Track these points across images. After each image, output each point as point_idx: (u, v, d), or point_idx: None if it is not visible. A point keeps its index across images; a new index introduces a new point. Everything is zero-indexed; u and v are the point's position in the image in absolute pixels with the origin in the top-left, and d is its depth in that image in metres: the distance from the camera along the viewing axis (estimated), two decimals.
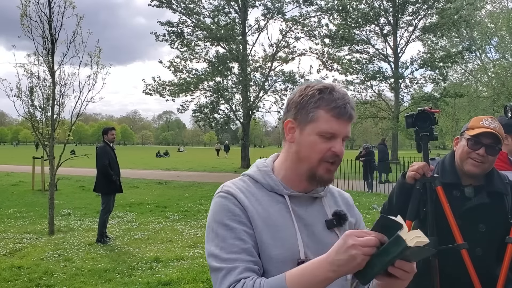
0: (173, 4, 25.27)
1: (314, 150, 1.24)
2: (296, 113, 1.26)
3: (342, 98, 1.23)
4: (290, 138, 1.28)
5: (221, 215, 1.22)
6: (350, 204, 1.45)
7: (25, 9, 7.63)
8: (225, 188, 1.27)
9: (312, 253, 1.22)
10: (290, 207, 1.26)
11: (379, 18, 30.02)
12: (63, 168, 10.20)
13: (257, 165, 1.36)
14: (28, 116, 8.10)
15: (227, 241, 1.18)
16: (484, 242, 2.07)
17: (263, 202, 1.25)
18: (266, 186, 1.29)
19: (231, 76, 26.58)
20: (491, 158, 2.04)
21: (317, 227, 1.28)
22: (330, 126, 1.22)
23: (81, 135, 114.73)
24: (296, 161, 1.28)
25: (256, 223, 1.21)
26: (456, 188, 2.11)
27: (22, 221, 9.25)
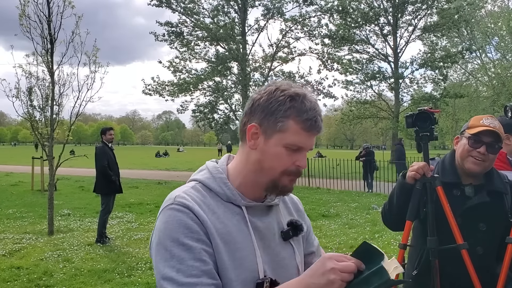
0: (172, 3, 25.26)
1: (279, 162, 1.15)
2: (263, 118, 1.15)
3: (313, 109, 1.14)
4: (252, 145, 1.17)
5: (177, 232, 1.07)
6: (301, 210, 1.39)
7: (24, 9, 7.62)
8: (179, 200, 1.12)
9: (269, 267, 1.17)
10: (248, 219, 1.17)
11: (379, 18, 30.04)
12: (63, 168, 10.20)
13: (209, 169, 1.23)
14: (27, 116, 8.09)
15: (186, 262, 1.05)
16: (485, 241, 2.07)
17: (220, 214, 1.14)
18: (222, 195, 1.18)
19: (231, 76, 26.58)
20: (491, 156, 2.05)
21: (273, 239, 1.22)
22: (298, 139, 1.14)
23: (81, 135, 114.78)
24: (257, 170, 1.18)
25: (216, 241, 1.10)
26: (456, 187, 2.11)
27: (22, 221, 9.24)
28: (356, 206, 11.13)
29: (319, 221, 9.26)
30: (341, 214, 10.10)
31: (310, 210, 10.55)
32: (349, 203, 11.68)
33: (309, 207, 10.98)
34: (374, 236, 7.75)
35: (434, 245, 2.01)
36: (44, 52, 7.87)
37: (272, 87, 1.17)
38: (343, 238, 7.61)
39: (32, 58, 8.03)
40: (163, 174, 22.16)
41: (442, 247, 2.01)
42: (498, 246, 2.09)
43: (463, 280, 2.03)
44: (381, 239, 7.50)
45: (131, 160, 37.29)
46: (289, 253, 1.24)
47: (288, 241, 1.25)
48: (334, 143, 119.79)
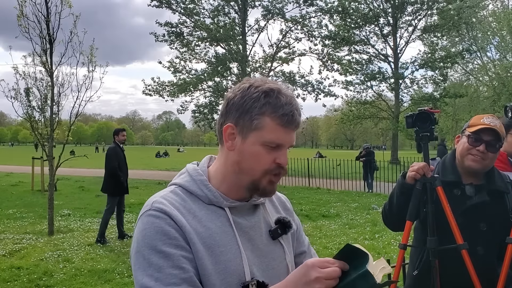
0: (172, 4, 25.26)
1: (258, 161, 1.10)
2: (238, 117, 1.11)
3: (289, 104, 1.09)
4: (230, 146, 1.13)
5: (154, 239, 1.03)
6: (289, 209, 1.34)
7: (22, 9, 7.61)
8: (156, 205, 1.08)
9: (258, 269, 1.13)
10: (232, 220, 1.13)
11: (378, 19, 30.05)
12: (63, 169, 10.19)
13: (189, 172, 1.19)
14: (26, 117, 8.09)
15: (164, 270, 1.00)
16: (485, 241, 2.07)
17: (201, 218, 1.10)
18: (203, 198, 1.13)
19: (231, 76, 26.58)
20: (491, 155, 2.05)
21: (261, 239, 1.17)
22: (276, 136, 1.09)
23: (81, 135, 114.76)
24: (237, 172, 1.13)
25: (197, 246, 1.05)
26: (457, 186, 2.11)
27: (22, 221, 9.24)
28: (356, 206, 11.13)
29: (319, 221, 9.26)
30: (341, 214, 10.09)
31: (310, 210, 10.55)
32: (349, 203, 11.68)
33: (309, 207, 10.98)
34: (374, 236, 7.75)
35: (434, 245, 2.02)
36: (43, 52, 7.87)
37: (246, 84, 1.13)
38: (343, 238, 7.61)
39: (30, 59, 8.03)
40: (163, 174, 22.17)
41: (442, 247, 2.01)
42: (499, 246, 2.09)
43: (463, 280, 2.03)
44: (381, 239, 7.50)
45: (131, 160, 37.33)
46: (278, 253, 1.21)
47: (277, 240, 1.21)
48: (334, 143, 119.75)
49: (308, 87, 26.76)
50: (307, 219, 9.43)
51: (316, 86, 26.87)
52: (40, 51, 7.84)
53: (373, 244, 7.21)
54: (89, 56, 8.17)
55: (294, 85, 26.87)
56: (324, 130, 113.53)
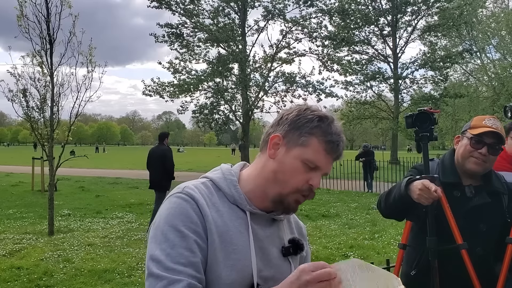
0: (172, 5, 25.26)
1: (293, 176, 1.16)
2: (288, 131, 1.18)
3: (338, 134, 1.17)
4: (272, 154, 1.19)
5: (177, 219, 1.10)
6: (304, 234, 1.38)
7: (22, 9, 7.61)
8: (187, 190, 1.15)
9: (262, 277, 1.16)
10: (250, 225, 1.17)
11: (378, 19, 30.06)
12: (63, 169, 10.20)
13: (222, 170, 1.25)
14: (26, 117, 8.09)
15: (176, 249, 1.06)
16: (485, 242, 2.08)
17: (223, 214, 1.16)
18: (229, 197, 1.19)
19: (231, 76, 26.59)
20: (492, 157, 2.05)
21: (272, 251, 1.21)
22: (318, 158, 1.15)
23: (81, 135, 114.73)
24: (270, 180, 1.18)
25: (213, 237, 1.11)
26: (457, 188, 2.11)
27: (22, 221, 9.25)
28: (356, 206, 11.14)
29: (319, 221, 9.27)
30: (341, 214, 10.10)
31: (310, 210, 10.56)
32: (349, 203, 11.69)
33: (309, 207, 10.98)
34: (374, 236, 7.76)
35: (433, 245, 2.02)
36: (43, 52, 7.87)
37: (303, 106, 1.21)
38: (343, 238, 7.62)
39: (29, 59, 8.03)
40: None
41: (442, 247, 2.02)
42: (497, 246, 2.10)
43: (462, 280, 2.03)
44: (381, 239, 7.51)
45: (131, 161, 37.29)
46: (285, 269, 1.23)
47: (287, 257, 1.24)
48: None
49: (309, 88, 26.77)
50: (307, 219, 9.44)
51: (317, 87, 26.88)
52: (40, 51, 7.85)
53: (372, 244, 7.21)
54: (88, 56, 8.18)
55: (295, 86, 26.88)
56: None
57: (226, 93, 26.41)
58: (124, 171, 24.01)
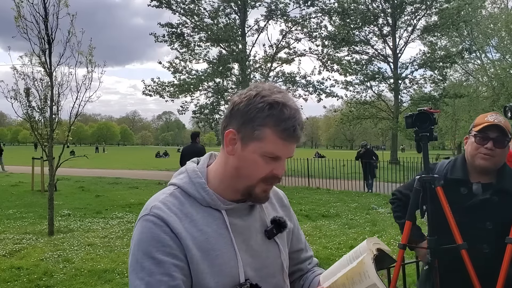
0: (172, 4, 25.26)
1: (256, 170, 1.13)
2: (241, 125, 1.12)
3: (293, 117, 1.10)
4: (230, 151, 1.15)
5: (149, 245, 1.08)
6: (286, 205, 1.37)
7: (19, 10, 7.59)
8: (155, 211, 1.11)
9: (252, 269, 1.17)
10: (228, 223, 1.16)
11: (378, 19, 30.05)
12: (63, 169, 10.20)
13: (189, 173, 1.21)
14: (26, 117, 8.09)
15: (155, 276, 1.05)
16: (491, 240, 2.05)
17: (198, 221, 1.13)
18: (201, 201, 1.16)
19: (231, 76, 26.59)
20: (499, 151, 2.05)
21: (256, 239, 1.21)
22: (276, 148, 1.12)
23: (81, 135, 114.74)
24: (234, 176, 1.16)
25: (192, 252, 1.09)
26: (464, 185, 2.12)
27: (22, 221, 9.24)
28: (356, 206, 11.14)
29: (319, 221, 9.26)
30: (341, 214, 10.10)
31: (310, 210, 10.55)
32: (349, 203, 11.69)
33: (309, 207, 10.98)
34: (373, 236, 7.75)
35: (434, 245, 2.02)
36: (42, 52, 7.86)
37: (253, 92, 1.13)
38: (343, 238, 7.62)
39: (28, 59, 8.02)
40: (163, 174, 22.16)
41: (442, 247, 2.02)
42: None
43: (462, 280, 2.03)
44: (381, 239, 7.50)
45: (131, 161, 37.29)
46: (273, 251, 1.24)
47: (273, 239, 1.24)
48: (334, 143, 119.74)
49: (309, 88, 26.77)
50: (307, 219, 9.43)
51: (317, 87, 26.89)
52: (39, 51, 7.84)
53: None
54: (88, 56, 8.17)
55: (295, 86, 26.89)
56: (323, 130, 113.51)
57: (226, 93, 26.40)
58: (124, 171, 24.01)
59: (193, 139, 9.58)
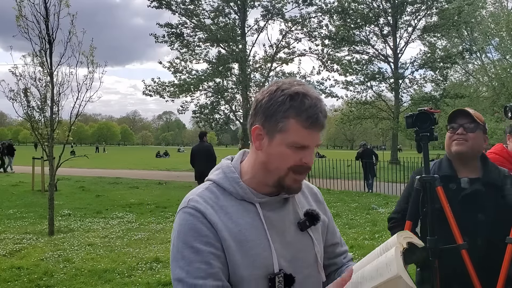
0: (172, 5, 25.25)
1: (284, 161, 1.17)
2: (265, 120, 1.17)
3: (314, 106, 1.14)
4: (258, 146, 1.20)
5: (188, 235, 1.13)
6: (320, 201, 1.41)
7: (20, 10, 7.59)
8: (192, 203, 1.18)
9: (286, 261, 1.19)
10: (262, 215, 1.19)
11: (378, 19, 30.04)
12: (63, 169, 10.20)
13: (223, 169, 1.27)
14: (26, 117, 8.09)
15: (193, 264, 1.11)
16: (485, 233, 2.07)
17: (233, 214, 1.18)
18: (235, 194, 1.21)
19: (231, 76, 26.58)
20: (471, 135, 2.15)
21: (289, 231, 1.24)
22: (301, 138, 1.15)
23: (81, 135, 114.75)
24: (264, 170, 1.20)
25: (227, 242, 1.13)
26: (453, 180, 2.16)
27: (22, 221, 9.25)
28: (356, 206, 11.13)
29: None
30: (341, 214, 10.09)
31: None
32: (349, 203, 11.68)
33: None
34: (374, 236, 7.75)
35: (433, 245, 2.02)
36: (43, 52, 7.86)
37: (273, 87, 1.18)
38: (343, 238, 7.61)
39: (29, 59, 8.02)
40: (164, 174, 22.17)
41: (442, 247, 2.02)
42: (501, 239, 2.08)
43: (463, 280, 2.03)
44: (381, 239, 7.50)
45: (131, 161, 37.31)
46: (306, 243, 1.27)
47: (306, 231, 1.27)
48: (334, 143, 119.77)
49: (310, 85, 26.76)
50: None
51: (317, 87, 26.87)
52: (40, 51, 7.84)
53: (373, 244, 7.21)
54: (89, 56, 8.17)
55: None
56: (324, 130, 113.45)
57: (226, 93, 26.40)
58: (124, 171, 24.01)
59: (201, 138, 10.25)
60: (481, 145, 2.19)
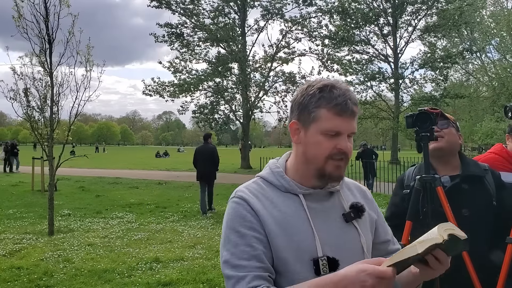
0: (172, 5, 25.25)
1: (320, 149, 1.24)
2: (299, 114, 1.27)
3: (343, 95, 1.22)
4: (296, 140, 1.30)
5: (234, 221, 1.24)
6: (369, 198, 1.45)
7: (19, 10, 7.58)
8: (238, 193, 1.29)
9: (331, 249, 1.24)
10: (306, 205, 1.27)
11: (378, 19, 30.04)
12: (63, 169, 10.19)
13: (269, 166, 1.37)
14: (26, 117, 8.09)
15: (238, 247, 1.20)
16: (469, 226, 2.06)
17: (278, 204, 1.26)
18: (280, 187, 1.30)
19: (231, 76, 26.57)
20: (446, 130, 2.19)
21: (334, 222, 1.29)
22: (333, 124, 1.22)
23: (81, 135, 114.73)
24: (304, 161, 1.29)
25: (270, 228, 1.22)
26: None
27: (22, 221, 9.24)
28: None
29: None
30: None
31: None
32: None
33: None
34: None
35: None
36: (42, 52, 7.85)
37: (305, 85, 1.29)
38: None
39: (28, 59, 8.01)
40: (163, 174, 22.16)
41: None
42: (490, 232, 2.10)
43: (463, 280, 2.03)
44: None
45: (131, 161, 37.30)
46: (352, 235, 1.30)
47: (351, 223, 1.31)
48: None
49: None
50: None
51: None
52: (39, 51, 7.83)
53: None
54: (86, 56, 8.16)
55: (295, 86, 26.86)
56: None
57: (226, 93, 26.38)
58: (124, 171, 23.99)
59: (205, 140, 10.58)
60: (456, 141, 2.23)
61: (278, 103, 27.60)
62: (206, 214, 9.99)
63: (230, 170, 24.47)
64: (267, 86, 27.20)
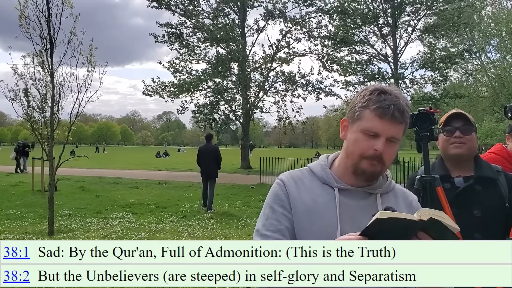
0: (172, 5, 25.25)
1: (357, 146, 1.32)
2: (349, 112, 1.38)
3: (389, 100, 1.29)
4: (343, 136, 1.41)
5: (270, 198, 1.40)
6: (414, 206, 1.45)
7: (24, 9, 7.60)
8: (281, 176, 1.45)
9: None
10: (337, 198, 1.35)
11: (378, 19, 30.03)
12: (63, 169, 10.19)
13: (319, 159, 1.49)
14: (26, 117, 8.09)
15: (268, 220, 1.36)
16: (482, 227, 2.07)
17: (313, 192, 1.38)
18: (320, 178, 1.41)
19: (231, 76, 26.57)
20: (468, 137, 2.16)
21: (363, 220, 1.28)
22: (372, 125, 1.29)
23: (81, 135, 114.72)
24: (345, 157, 1.39)
25: (297, 209, 1.35)
26: (447, 180, 2.18)
27: (22, 221, 9.25)
28: None
29: None
30: None
31: None
32: None
33: None
34: None
35: None
36: (44, 52, 7.86)
37: (362, 89, 1.39)
38: None
39: (30, 59, 8.02)
40: (164, 174, 22.17)
41: None
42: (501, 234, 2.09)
43: None
44: None
45: (131, 161, 37.29)
46: None
47: None
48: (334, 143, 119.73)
49: (309, 87, 26.75)
50: None
51: (316, 86, 26.87)
52: (41, 51, 7.84)
53: None
54: (88, 56, 8.17)
55: (294, 85, 26.86)
56: (324, 131, 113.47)
57: (226, 93, 26.38)
58: (124, 171, 24.00)
59: (207, 140, 10.99)
60: (476, 146, 2.22)
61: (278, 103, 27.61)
62: (206, 208, 10.66)
63: (230, 170, 24.48)
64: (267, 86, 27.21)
